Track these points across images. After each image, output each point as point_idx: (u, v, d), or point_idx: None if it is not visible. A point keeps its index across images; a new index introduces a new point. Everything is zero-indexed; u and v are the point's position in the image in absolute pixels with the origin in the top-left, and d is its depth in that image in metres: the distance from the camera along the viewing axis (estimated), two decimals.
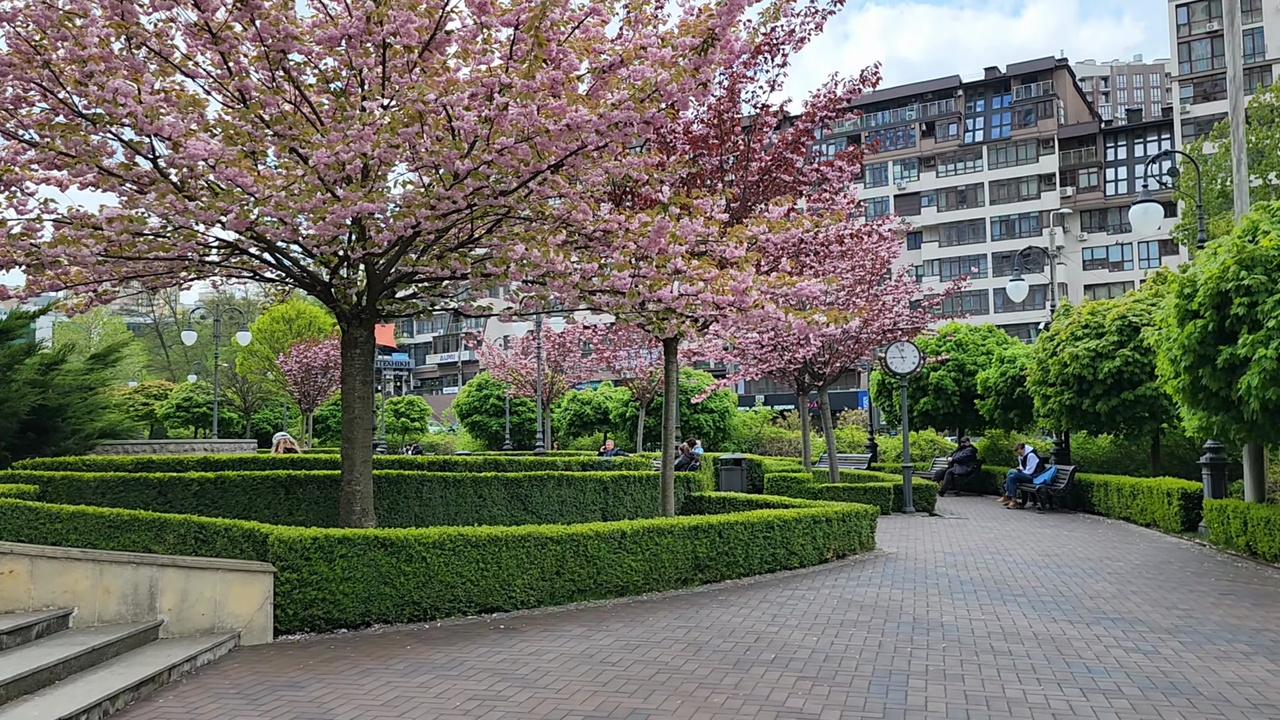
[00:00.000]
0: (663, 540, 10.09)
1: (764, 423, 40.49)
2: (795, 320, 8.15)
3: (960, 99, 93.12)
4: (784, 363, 21.03)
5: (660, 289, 8.51)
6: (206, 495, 10.59)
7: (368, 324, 10.34)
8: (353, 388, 10.27)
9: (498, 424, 44.60)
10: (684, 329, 10.56)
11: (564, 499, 13.08)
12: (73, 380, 14.39)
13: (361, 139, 7.64)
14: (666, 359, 12.79)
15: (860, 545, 12.87)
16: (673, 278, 8.52)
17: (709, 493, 14.50)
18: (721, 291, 8.14)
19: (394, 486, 11.57)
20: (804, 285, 8.25)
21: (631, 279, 8.75)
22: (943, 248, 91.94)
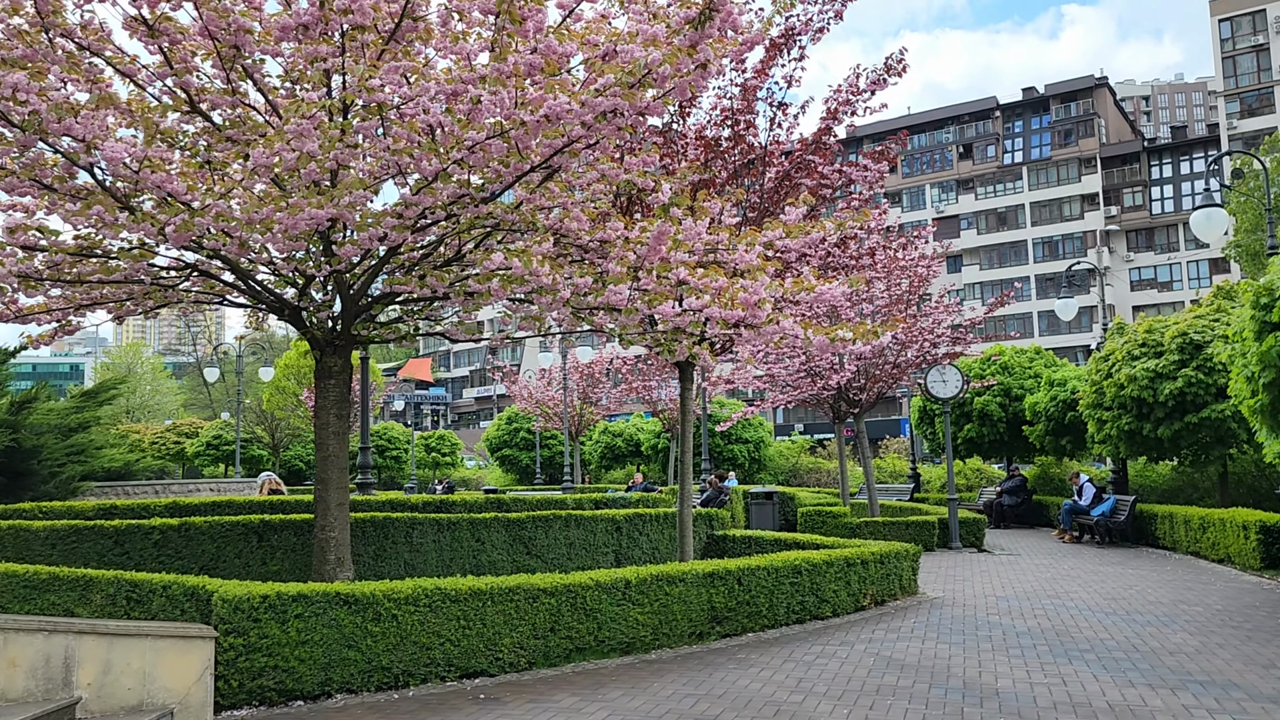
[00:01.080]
0: (674, 590, 8.91)
1: (801, 452, 39.07)
2: (817, 337, 6.99)
3: (998, 120, 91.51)
4: (817, 389, 19.78)
5: (661, 304, 7.39)
6: (169, 545, 9.59)
7: (343, 351, 9.32)
8: (326, 422, 9.24)
9: (528, 458, 43.59)
10: (695, 351, 9.42)
11: (572, 541, 11.93)
12: (55, 419, 13.57)
13: (303, 135, 6.64)
14: (682, 385, 11.65)
15: (901, 589, 11.58)
16: (676, 290, 7.41)
17: (733, 531, 13.28)
18: (731, 305, 7.02)
19: (380, 531, 10.52)
20: (825, 289, 7.09)
21: (630, 293, 7.65)
22: (983, 270, 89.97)
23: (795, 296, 7.21)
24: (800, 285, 7.13)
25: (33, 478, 12.62)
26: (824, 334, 7.04)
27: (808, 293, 7.12)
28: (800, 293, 7.12)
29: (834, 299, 7.17)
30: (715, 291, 7.17)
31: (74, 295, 9.36)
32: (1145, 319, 18.83)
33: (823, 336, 6.99)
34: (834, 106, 10.56)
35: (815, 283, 7.11)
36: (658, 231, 7.11)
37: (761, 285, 6.91)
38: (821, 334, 7.02)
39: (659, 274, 7.39)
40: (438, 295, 8.93)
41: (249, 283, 8.92)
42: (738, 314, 7.03)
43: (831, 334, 7.02)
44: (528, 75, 6.84)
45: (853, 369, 19.20)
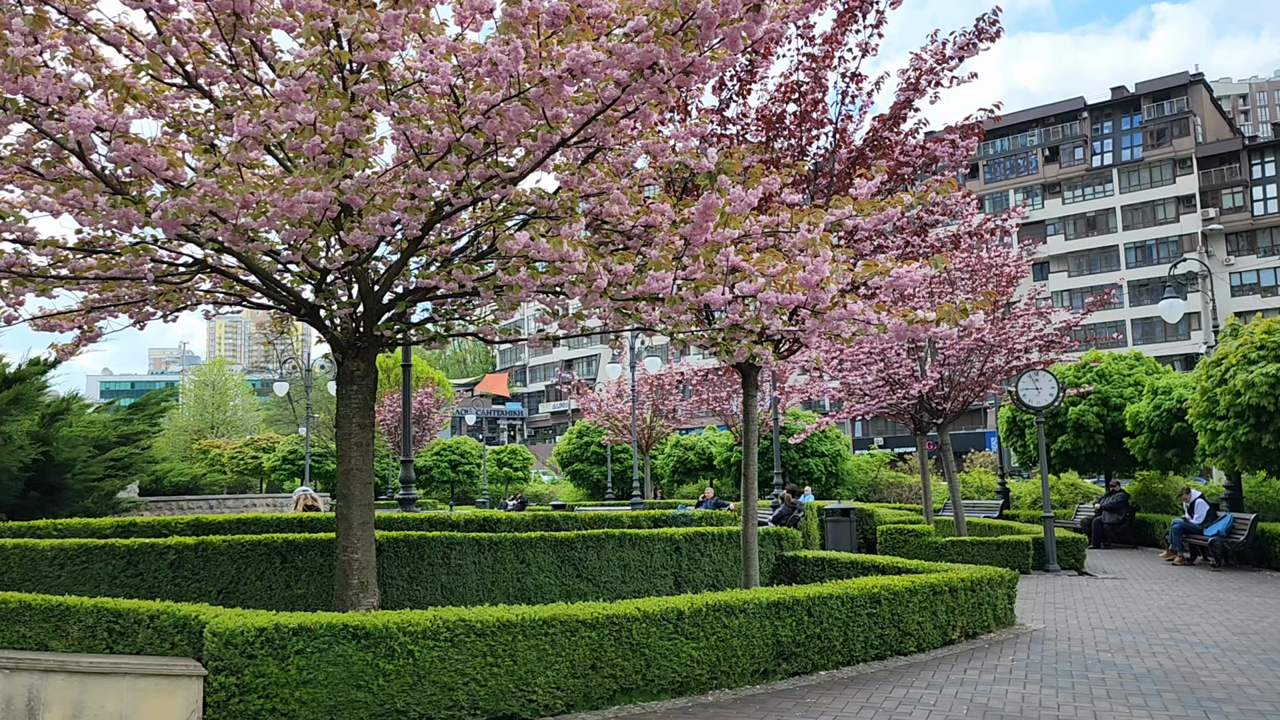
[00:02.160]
0: (733, 621, 7.82)
1: (881, 466, 37.43)
2: (892, 321, 5.86)
3: (1085, 121, 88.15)
4: (897, 399, 18.47)
5: (709, 291, 6.36)
6: (185, 566, 8.85)
7: (367, 354, 8.48)
8: (349, 432, 8.40)
9: (599, 472, 42.75)
10: (757, 351, 8.34)
11: (627, 563, 10.91)
12: (96, 432, 13.08)
13: (290, 98, 5.78)
14: (745, 392, 10.57)
15: (996, 620, 10.28)
16: (726, 276, 6.36)
17: (805, 552, 12.12)
18: (790, 287, 5.96)
19: (415, 552, 9.65)
20: (902, 273, 5.97)
21: (674, 281, 6.63)
22: (1072, 278, 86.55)
23: (866, 280, 6.09)
24: (872, 268, 6.01)
25: (67, 492, 12.13)
26: (900, 317, 5.90)
27: (881, 277, 6.01)
28: (872, 277, 6.01)
29: (912, 283, 6.04)
30: (771, 275, 6.11)
31: (87, 299, 8.75)
32: (1264, 319, 17.08)
33: (899, 320, 5.85)
34: (915, 76, 9.40)
35: (890, 264, 5.99)
36: (702, 206, 6.08)
37: (824, 262, 5.82)
38: (897, 318, 5.88)
39: (705, 257, 6.36)
40: (466, 291, 8.02)
41: (264, 279, 8.13)
42: (797, 297, 5.95)
43: (909, 316, 5.87)
44: (551, 26, 5.90)
45: (935, 377, 17.85)
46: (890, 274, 5.94)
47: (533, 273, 7.10)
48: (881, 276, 5.96)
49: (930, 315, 5.78)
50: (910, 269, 5.93)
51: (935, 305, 16.96)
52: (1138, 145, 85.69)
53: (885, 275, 5.95)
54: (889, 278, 5.92)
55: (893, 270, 5.94)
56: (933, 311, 5.88)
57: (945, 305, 5.71)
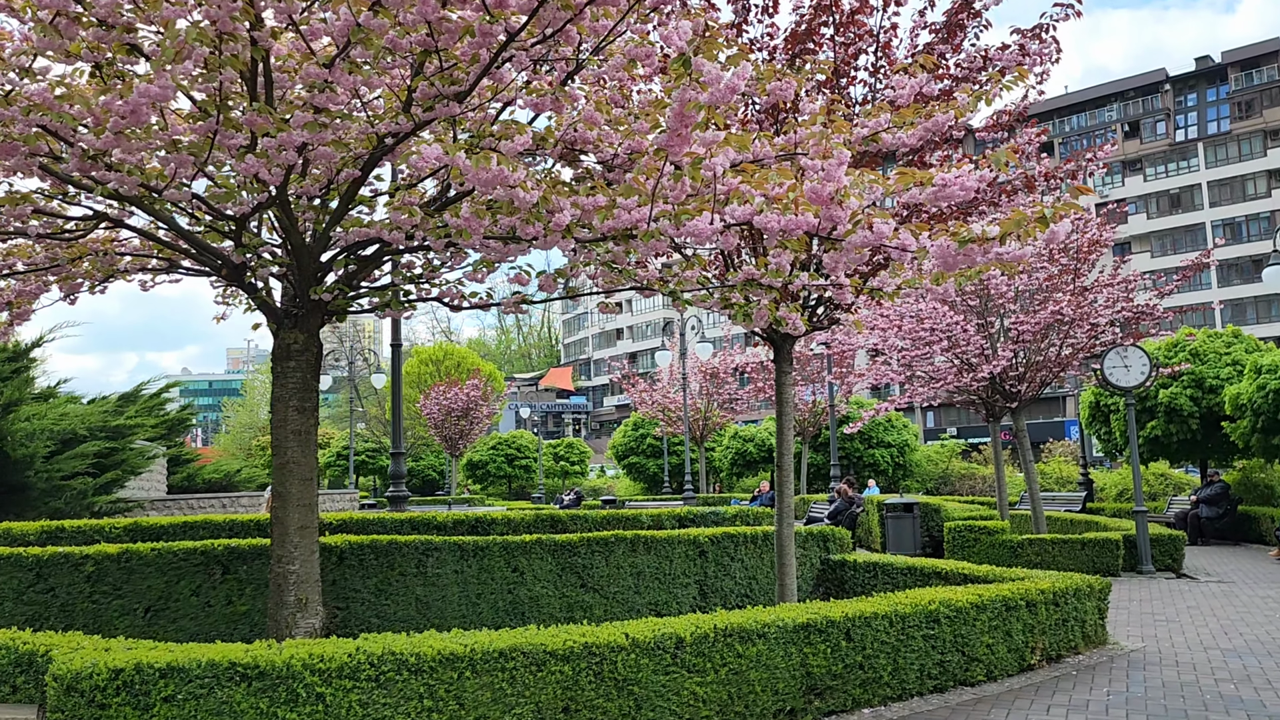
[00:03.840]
0: (750, 650, 6.22)
1: (952, 457, 35.24)
2: (936, 243, 4.15)
3: (1168, 94, 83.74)
4: (966, 381, 16.57)
5: (693, 221, 4.75)
6: (105, 579, 7.52)
7: (306, 324, 7.05)
8: (285, 418, 6.98)
9: (655, 465, 41.24)
10: (783, 316, 6.70)
11: (641, 570, 9.34)
12: (69, 426, 11.92)
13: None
14: (777, 368, 8.92)
15: (1084, 639, 8.49)
16: (713, 200, 4.74)
17: (854, 555, 10.41)
18: (795, 208, 4.33)
19: (384, 560, 8.21)
20: (950, 178, 4.28)
21: (650, 212, 5.03)
22: (1155, 258, 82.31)
23: (900, 194, 4.40)
24: (909, 177, 4.31)
25: (29, 492, 11.00)
26: (950, 235, 4.20)
27: (921, 188, 4.31)
28: (909, 189, 4.31)
29: (965, 192, 4.32)
30: (774, 197, 4.48)
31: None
32: None
33: (945, 241, 4.15)
34: None
35: (932, 172, 4.29)
36: (679, 100, 4.48)
37: (839, 166, 4.16)
38: (946, 236, 4.18)
39: (691, 175, 4.76)
40: (416, 244, 6.51)
41: (178, 232, 6.74)
42: (805, 220, 4.31)
43: (961, 235, 4.14)
44: None
45: (1008, 356, 15.91)
46: (934, 181, 4.24)
47: (479, 211, 5.57)
48: (922, 187, 4.27)
49: (993, 230, 4.05)
50: (962, 173, 4.22)
51: None
52: (1224, 117, 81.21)
53: (926, 185, 4.26)
54: (932, 187, 4.23)
55: (938, 177, 4.25)
56: (995, 224, 4.16)
57: (1016, 212, 4.01)
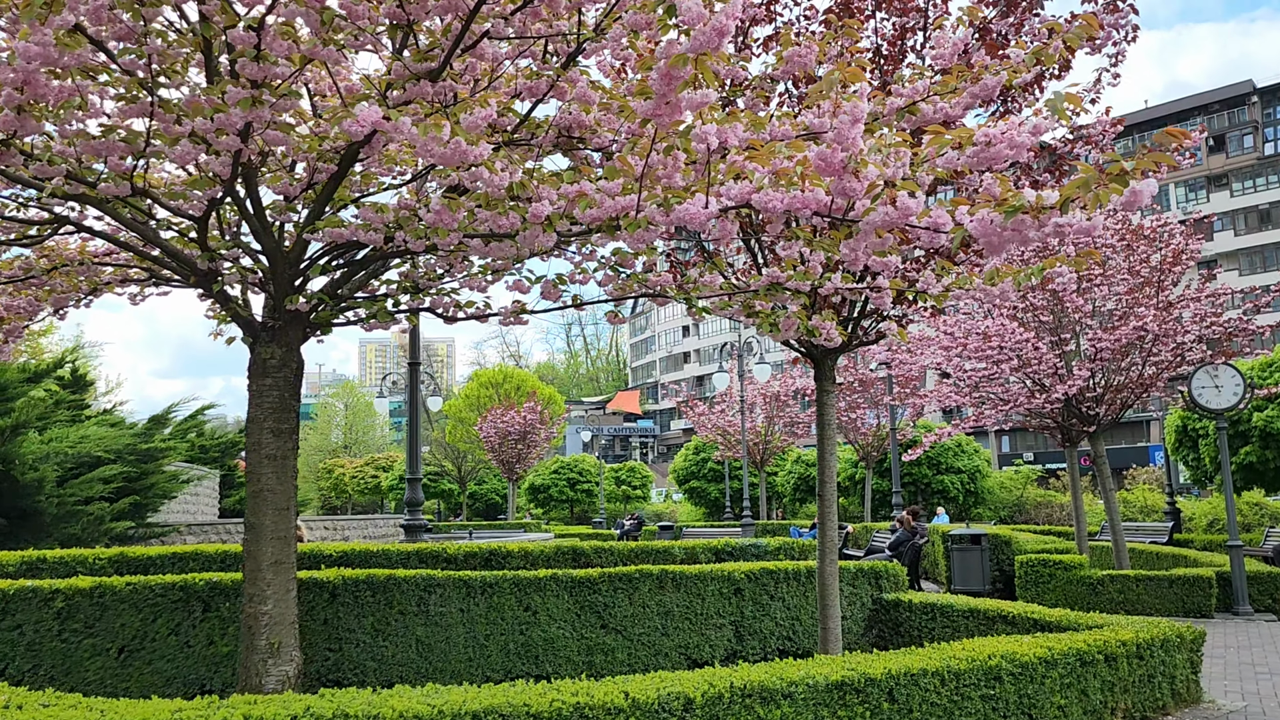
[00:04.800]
0: (773, 714, 5.32)
1: (1027, 484, 33.56)
2: (976, 217, 3.19)
3: (1255, 106, 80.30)
4: (1039, 403, 15.37)
5: (684, 204, 3.93)
6: (77, 616, 6.91)
7: (284, 337, 6.39)
8: (259, 441, 6.31)
9: (716, 490, 40.22)
10: (815, 325, 5.84)
11: (669, 609, 8.47)
12: (88, 449, 11.48)
13: None
14: (818, 386, 8.01)
15: (1174, 697, 7.38)
16: (707, 177, 3.92)
17: (910, 595, 9.39)
18: (804, 180, 3.48)
19: (381, 597, 7.48)
20: (995, 133, 3.35)
21: (639, 197, 4.23)
22: (1244, 276, 78.62)
23: (934, 159, 3.51)
24: (941, 139, 3.40)
25: (41, 518, 10.57)
26: (992, 206, 3.28)
27: (960, 150, 3.41)
28: (943, 151, 3.41)
29: (1014, 150, 3.39)
30: (777, 169, 3.64)
31: None
32: None
33: (987, 213, 3.23)
34: None
35: (973, 128, 3.39)
36: (663, 57, 3.67)
37: (852, 122, 3.29)
38: (989, 207, 3.26)
39: (683, 147, 3.95)
40: (400, 248, 5.80)
41: (141, 235, 6.14)
42: (813, 196, 3.46)
43: (1010, 203, 3.17)
44: None
45: (1084, 375, 14.71)
46: (974, 139, 3.32)
47: (451, 204, 4.84)
48: (960, 150, 3.36)
49: (1049, 195, 3.09)
50: (1009, 126, 3.29)
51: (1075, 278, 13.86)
52: None
53: (964, 146, 3.34)
54: (972, 147, 3.31)
55: (979, 133, 3.34)
56: (1052, 189, 3.20)
57: (1086, 169, 3.05)
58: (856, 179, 3.31)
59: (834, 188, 3.36)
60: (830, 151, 3.30)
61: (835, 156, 3.29)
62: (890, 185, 3.28)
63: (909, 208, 3.22)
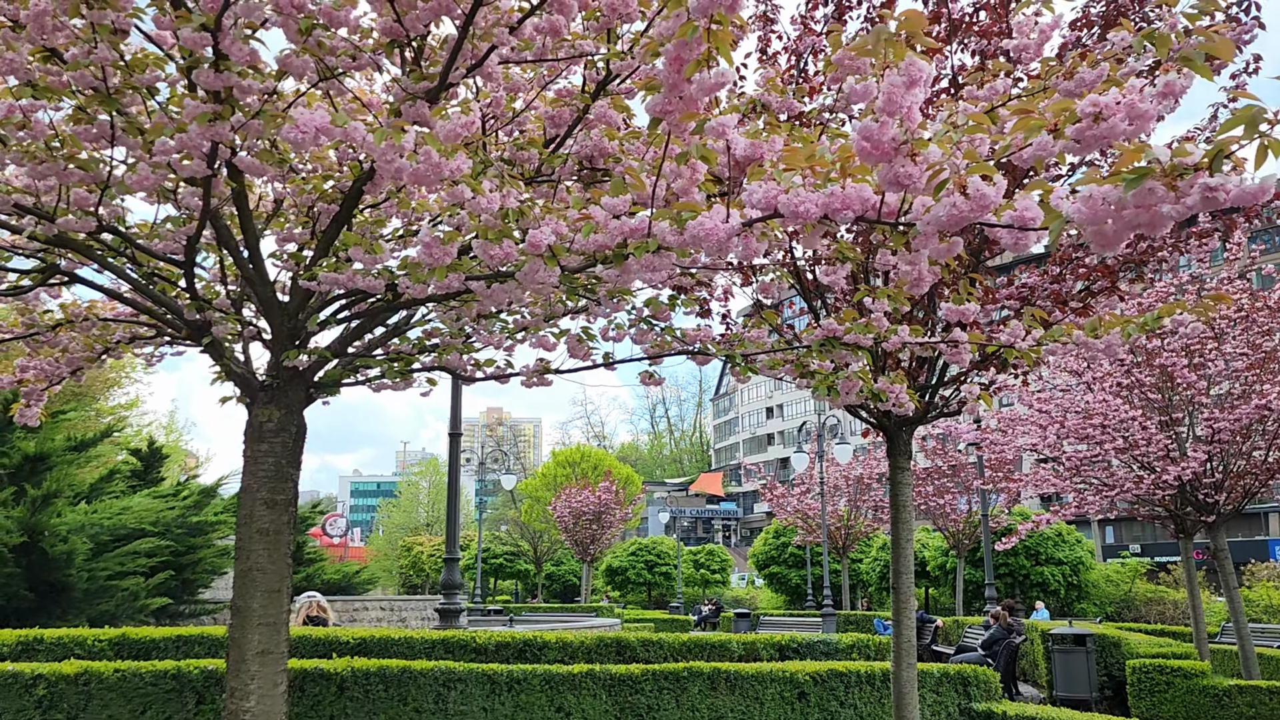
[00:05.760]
0: None
1: (1135, 577, 31.18)
2: (1085, 193, 2.31)
3: None
4: (1147, 488, 13.95)
5: (698, 220, 3.16)
6: (60, 705, 6.21)
7: (284, 397, 5.74)
8: (251, 513, 5.64)
9: (797, 576, 38.48)
10: (882, 389, 4.97)
11: (721, 714, 7.40)
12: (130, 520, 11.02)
13: None
14: (890, 464, 7.05)
15: None
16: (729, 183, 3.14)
17: (1004, 706, 8.13)
18: (844, 173, 2.67)
19: (394, 691, 6.66)
20: (1102, 103, 2.50)
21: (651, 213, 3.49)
22: None
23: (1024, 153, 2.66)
24: (1027, 122, 2.51)
25: (71, 593, 10.08)
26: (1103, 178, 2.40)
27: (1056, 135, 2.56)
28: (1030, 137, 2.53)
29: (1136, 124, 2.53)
30: (807, 162, 2.84)
31: None
32: None
33: (1103, 188, 2.33)
34: None
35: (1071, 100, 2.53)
36: (674, 43, 2.95)
37: (905, 90, 2.44)
38: (1096, 180, 2.37)
39: (698, 154, 3.18)
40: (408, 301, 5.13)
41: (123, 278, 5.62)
42: (856, 193, 2.63)
43: (1133, 166, 2.27)
44: None
45: (1201, 457, 13.29)
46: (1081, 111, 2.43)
47: (446, 236, 4.15)
48: (1057, 132, 2.47)
49: (1191, 150, 2.15)
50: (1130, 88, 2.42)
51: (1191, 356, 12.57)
52: None
53: (1062, 127, 2.46)
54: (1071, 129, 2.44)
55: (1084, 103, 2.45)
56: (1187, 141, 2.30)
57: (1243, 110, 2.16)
58: (913, 162, 2.49)
59: (883, 176, 2.54)
60: (878, 126, 2.48)
61: (884, 133, 2.47)
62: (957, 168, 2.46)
63: (985, 197, 2.36)
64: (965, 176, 2.49)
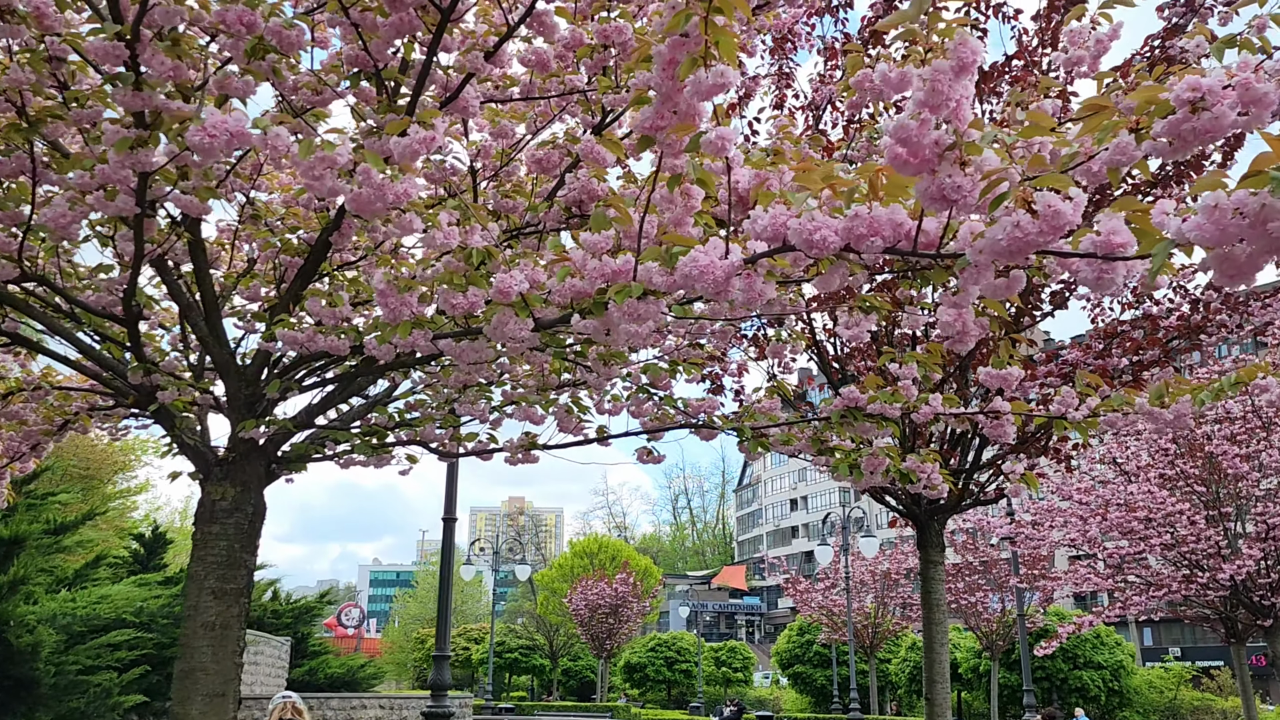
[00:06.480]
0: None
1: (1180, 684, 29.56)
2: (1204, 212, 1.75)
3: None
4: (1198, 588, 13.02)
5: (691, 255, 2.59)
6: None
7: (240, 473, 5.15)
8: (197, 604, 5.00)
9: (823, 676, 36.88)
10: (910, 468, 4.33)
11: None
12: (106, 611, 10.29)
13: None
14: (922, 557, 6.33)
15: None
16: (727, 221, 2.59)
17: None
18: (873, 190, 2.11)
19: None
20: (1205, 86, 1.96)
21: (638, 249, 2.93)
22: None
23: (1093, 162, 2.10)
24: (1100, 119, 1.94)
25: (36, 688, 9.34)
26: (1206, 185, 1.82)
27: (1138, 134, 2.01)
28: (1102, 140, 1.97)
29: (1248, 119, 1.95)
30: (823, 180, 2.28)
31: None
32: None
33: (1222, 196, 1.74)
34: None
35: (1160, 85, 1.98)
36: (668, 43, 2.43)
37: (952, 80, 1.89)
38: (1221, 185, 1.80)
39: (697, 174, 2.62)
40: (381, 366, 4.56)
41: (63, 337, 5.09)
42: (889, 216, 2.05)
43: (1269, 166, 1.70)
44: None
45: (1255, 555, 12.38)
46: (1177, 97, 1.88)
47: (401, 283, 3.59)
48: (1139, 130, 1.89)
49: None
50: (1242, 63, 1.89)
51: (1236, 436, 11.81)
52: None
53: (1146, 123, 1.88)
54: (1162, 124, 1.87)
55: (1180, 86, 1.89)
56: None
57: None
58: (961, 171, 1.91)
59: (922, 190, 1.96)
60: (917, 125, 1.91)
61: (925, 134, 1.90)
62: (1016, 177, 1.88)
63: (1059, 215, 1.76)
64: (1031, 189, 1.90)
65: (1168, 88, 1.98)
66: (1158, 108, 1.93)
